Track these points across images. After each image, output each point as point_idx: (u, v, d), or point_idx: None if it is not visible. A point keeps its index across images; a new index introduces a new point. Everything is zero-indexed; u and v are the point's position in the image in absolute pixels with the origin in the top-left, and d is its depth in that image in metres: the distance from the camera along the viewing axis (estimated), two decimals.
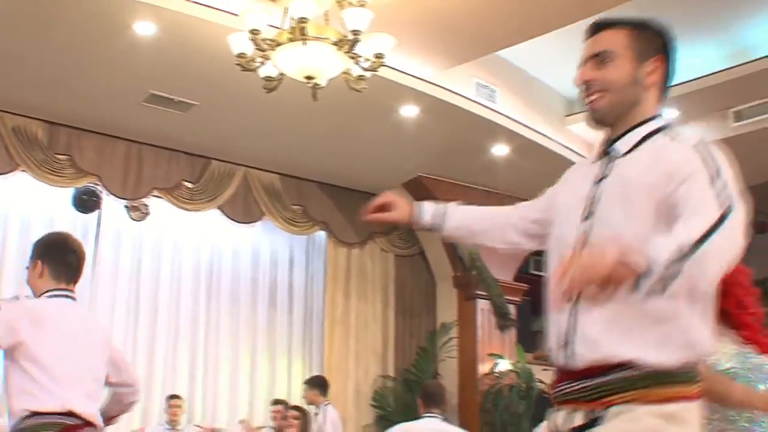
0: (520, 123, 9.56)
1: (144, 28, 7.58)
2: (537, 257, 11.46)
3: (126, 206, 9.82)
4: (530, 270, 11.38)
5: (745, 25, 8.78)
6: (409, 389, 10.07)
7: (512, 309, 10.75)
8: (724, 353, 3.40)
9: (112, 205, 9.80)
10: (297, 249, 11.30)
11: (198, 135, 9.69)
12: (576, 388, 2.26)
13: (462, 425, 9.79)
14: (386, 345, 10.97)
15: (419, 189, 10.48)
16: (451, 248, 10.55)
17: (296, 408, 9.06)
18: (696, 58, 9.03)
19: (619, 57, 2.40)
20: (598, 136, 7.86)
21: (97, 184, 9.54)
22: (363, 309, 10.84)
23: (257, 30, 6.56)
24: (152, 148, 9.79)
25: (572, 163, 8.51)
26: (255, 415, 10.33)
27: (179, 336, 10.32)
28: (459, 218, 2.86)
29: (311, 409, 9.35)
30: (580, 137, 10.30)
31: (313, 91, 6.95)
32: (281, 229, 10.64)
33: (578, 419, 2.21)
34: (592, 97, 2.34)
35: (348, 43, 6.70)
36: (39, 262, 4.22)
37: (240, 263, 10.92)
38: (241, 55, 6.71)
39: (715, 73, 9.05)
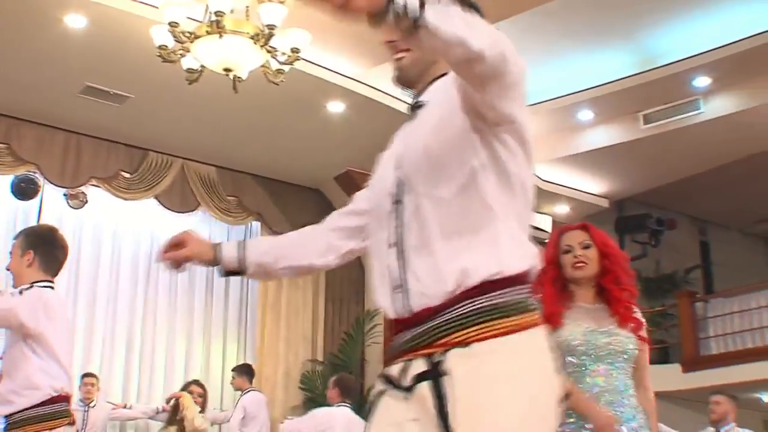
0: None
1: (75, 21, 7.55)
2: None
3: (65, 194, 9.79)
4: None
5: (652, 34, 8.89)
6: (336, 373, 9.81)
7: None
8: (578, 332, 3.61)
9: (51, 194, 9.70)
10: (234, 238, 10.97)
11: (135, 127, 9.63)
12: (414, 335, 2.07)
13: None
14: (315, 330, 10.95)
15: (350, 182, 10.44)
16: None
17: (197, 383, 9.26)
18: (607, 64, 9.19)
19: None
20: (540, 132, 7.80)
21: (35, 173, 9.46)
22: (294, 296, 10.81)
23: (176, 22, 6.55)
24: (91, 138, 9.73)
25: None
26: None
27: (117, 319, 10.23)
28: (263, 246, 2.68)
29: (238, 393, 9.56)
30: None
31: (234, 83, 6.95)
32: (217, 219, 10.61)
33: (418, 367, 2.01)
34: (397, 56, 2.27)
35: (264, 37, 6.67)
36: (31, 252, 4.26)
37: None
38: (162, 47, 6.71)
39: (626, 78, 9.18)
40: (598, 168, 10.72)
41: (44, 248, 4.35)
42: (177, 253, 2.52)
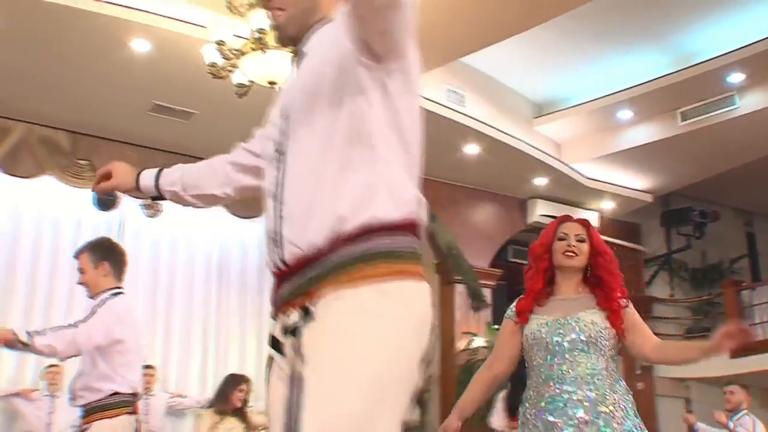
0: (488, 125, 9.72)
1: (140, 45, 7.91)
2: (515, 246, 11.83)
3: (141, 205, 10.12)
4: (509, 258, 11.67)
5: (685, 34, 9.00)
6: None
7: (487, 292, 10.85)
8: (536, 326, 3.65)
9: (129, 205, 10.02)
10: None
11: (202, 140, 9.65)
12: (290, 287, 2.01)
13: (442, 396, 10.32)
14: None
15: None
16: (431, 238, 10.59)
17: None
18: (643, 64, 9.31)
19: None
20: (565, 134, 8.28)
21: None
22: None
23: (222, 41, 6.84)
24: (162, 152, 10.06)
25: (539, 161, 8.89)
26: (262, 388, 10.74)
27: (192, 319, 10.60)
28: (175, 175, 2.69)
29: None
30: (547, 137, 10.55)
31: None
32: None
33: (292, 320, 1.95)
34: (275, 13, 2.23)
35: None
36: (105, 263, 4.67)
37: (246, 253, 11.20)
38: (212, 65, 6.98)
39: (662, 77, 9.30)
40: (640, 165, 10.77)
41: (114, 257, 4.73)
42: (104, 185, 2.71)
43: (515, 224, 11.51)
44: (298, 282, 1.96)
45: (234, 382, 8.54)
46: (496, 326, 10.56)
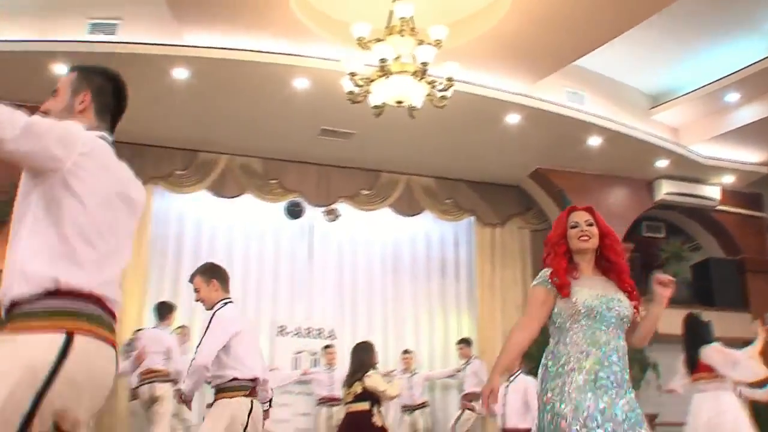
0: (608, 119, 10.16)
1: (301, 83, 9.01)
2: (648, 222, 12.20)
3: (322, 212, 11.39)
4: (642, 233, 12.04)
5: None
6: (542, 334, 10.87)
7: None
8: (593, 296, 3.72)
9: (312, 213, 11.39)
10: (453, 233, 12.34)
11: (365, 155, 10.95)
12: None
13: None
14: (525, 301, 11.63)
15: (541, 178, 11.41)
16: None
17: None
18: (743, 51, 9.41)
19: (59, 91, 2.65)
20: (680, 120, 8.87)
21: (299, 198, 11.20)
22: (506, 275, 11.61)
23: (354, 72, 7.62)
24: (335, 168, 11.25)
25: (658, 146, 9.37)
26: (434, 360, 11.54)
27: (373, 304, 11.67)
28: None
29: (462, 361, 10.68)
30: (664, 124, 10.78)
31: (410, 112, 7.82)
32: (439, 219, 11.76)
33: None
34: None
35: (421, 73, 7.55)
36: (214, 281, 5.29)
37: (415, 246, 12.16)
38: (350, 92, 7.75)
39: (763, 59, 9.31)
40: (753, 140, 10.78)
41: (220, 275, 5.34)
42: None
43: (643, 203, 11.74)
44: None
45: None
46: None
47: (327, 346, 10.69)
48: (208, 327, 5.20)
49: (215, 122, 10.07)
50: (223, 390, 5.14)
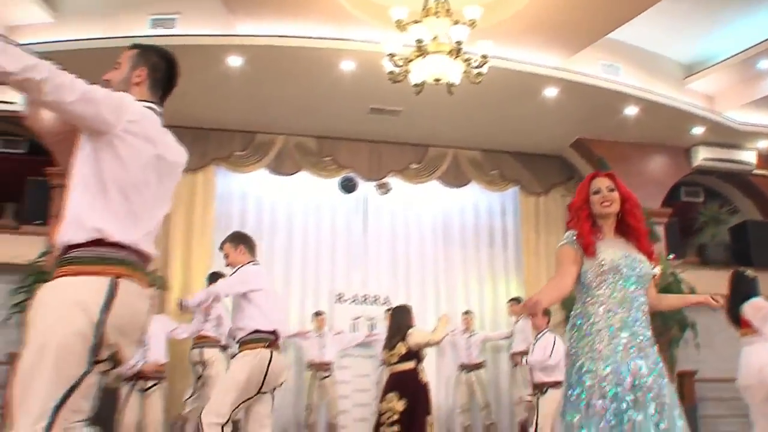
0: (643, 89, 10.26)
1: (348, 65, 9.31)
2: (687, 187, 12.25)
3: (375, 186, 11.79)
4: (681, 198, 12.12)
5: None
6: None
7: (660, 228, 11.14)
8: (618, 255, 3.86)
9: (365, 186, 11.80)
10: (499, 203, 12.61)
11: (412, 131, 11.24)
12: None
13: None
14: None
15: (581, 147, 11.59)
16: None
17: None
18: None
19: (121, 65, 3.04)
20: (714, 88, 9.05)
21: (352, 173, 11.61)
22: (550, 241, 11.71)
23: (393, 53, 7.95)
24: (385, 143, 11.57)
25: (694, 114, 9.53)
26: (484, 324, 11.80)
27: (425, 270, 12.05)
28: None
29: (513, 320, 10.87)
30: (699, 92, 10.83)
31: (449, 89, 8.10)
32: (485, 189, 12.02)
33: None
34: None
35: (456, 51, 7.82)
36: (242, 246, 5.79)
37: (464, 215, 12.49)
38: (390, 73, 8.07)
39: None
40: None
41: (247, 242, 5.82)
42: None
43: (681, 169, 11.80)
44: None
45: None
46: (670, 256, 11.04)
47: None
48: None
49: (270, 105, 10.51)
50: (245, 343, 5.46)
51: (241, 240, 5.89)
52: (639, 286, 3.85)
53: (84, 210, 2.69)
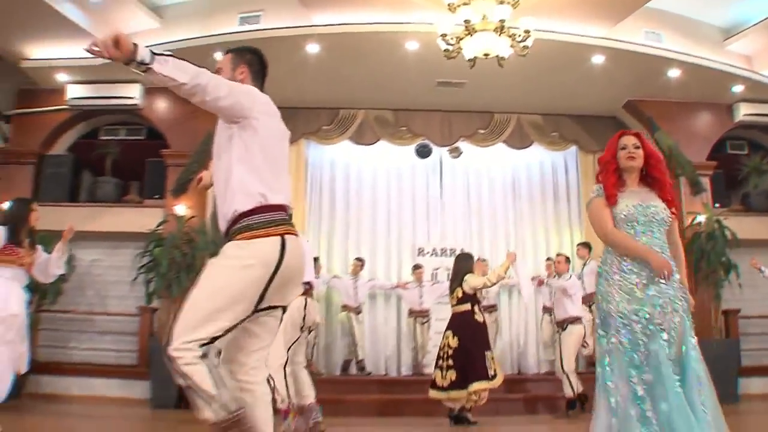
0: (685, 53, 10.55)
1: (412, 45, 10.04)
2: (732, 141, 12.47)
3: (447, 151, 12.53)
4: (727, 151, 12.37)
5: None
6: None
7: (706, 180, 11.51)
8: (630, 205, 4.04)
9: (438, 152, 12.62)
10: (558, 162, 13.20)
11: (478, 100, 11.80)
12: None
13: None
14: None
15: (632, 108, 11.97)
16: (657, 144, 11.31)
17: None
18: None
19: (222, 70, 3.33)
20: (752, 48, 9.69)
21: (426, 140, 12.36)
22: None
23: (444, 33, 8.60)
24: (453, 113, 12.19)
25: (733, 74, 10.03)
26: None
27: (497, 223, 12.84)
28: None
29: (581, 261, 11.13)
30: (737, 53, 11.03)
31: (499, 62, 8.72)
32: (546, 150, 12.59)
33: None
34: None
35: (500, 29, 8.48)
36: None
37: (531, 173, 13.16)
38: (445, 50, 8.73)
39: None
40: None
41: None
42: (103, 54, 2.71)
43: (724, 125, 11.95)
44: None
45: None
46: (717, 205, 11.48)
47: (358, 259, 12.02)
48: None
49: (348, 84, 11.40)
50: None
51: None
52: (653, 231, 4.02)
53: (247, 181, 3.04)
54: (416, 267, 11.98)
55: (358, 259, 11.98)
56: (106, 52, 2.59)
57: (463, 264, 8.46)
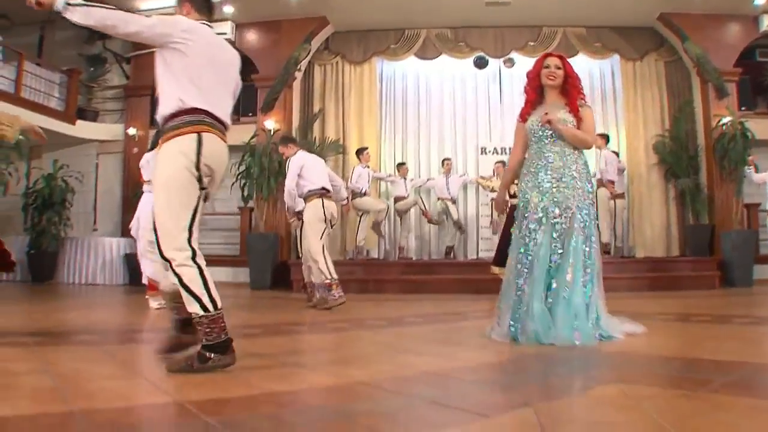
0: None
1: None
2: (762, 49, 12.48)
3: (502, 61, 13.29)
4: (757, 58, 12.41)
5: None
6: (676, 141, 12.00)
7: (732, 86, 11.74)
8: (534, 120, 4.51)
9: (494, 63, 13.39)
10: (601, 71, 13.65)
11: (529, 15, 12.46)
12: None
13: (706, 159, 11.86)
14: (663, 116, 12.59)
15: (665, 20, 12.24)
16: (686, 52, 11.89)
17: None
18: None
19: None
20: None
21: (483, 52, 13.13)
22: (646, 96, 12.66)
23: None
24: (507, 27, 12.84)
25: None
26: (590, 162, 12.97)
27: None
28: None
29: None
30: None
31: None
32: (591, 59, 12.98)
33: None
34: None
35: None
36: (290, 145, 7.82)
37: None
38: None
39: None
40: None
41: (294, 141, 7.61)
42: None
43: (750, 34, 11.99)
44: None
45: None
46: (743, 108, 11.85)
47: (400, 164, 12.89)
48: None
49: (410, 6, 12.35)
50: (308, 197, 7.41)
51: (287, 141, 7.81)
52: (555, 139, 4.42)
53: (168, 91, 3.42)
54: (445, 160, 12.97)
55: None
56: (35, 5, 3.19)
57: None
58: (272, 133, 12.24)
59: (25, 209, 12.51)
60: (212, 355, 3.17)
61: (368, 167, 11.93)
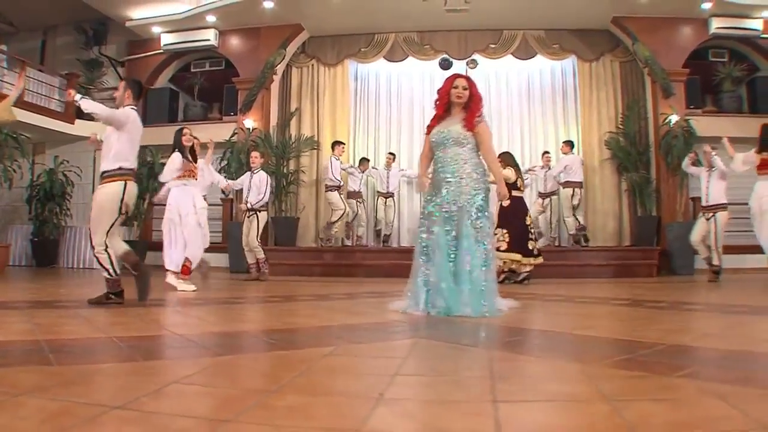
0: None
1: None
2: (714, 50, 12.23)
3: (466, 62, 12.90)
4: (709, 58, 12.19)
5: None
6: (627, 138, 11.86)
7: (680, 86, 11.58)
8: (434, 134, 4.74)
9: (457, 64, 12.80)
10: (557, 71, 13.41)
11: (485, 18, 12.26)
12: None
13: (656, 155, 11.60)
14: (617, 114, 12.47)
15: (618, 23, 12.07)
16: (635, 54, 11.68)
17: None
18: None
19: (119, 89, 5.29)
20: None
21: (446, 54, 12.86)
22: (601, 94, 12.56)
23: None
24: (470, 31, 12.71)
25: None
26: (555, 160, 12.90)
27: (512, 120, 13.43)
28: None
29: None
30: None
31: None
32: (549, 60, 12.85)
33: None
34: None
35: None
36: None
37: (534, 80, 13.53)
38: None
39: None
40: None
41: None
42: None
43: (700, 36, 11.78)
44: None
45: None
46: (691, 107, 11.66)
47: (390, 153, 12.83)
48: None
49: (378, 14, 12.34)
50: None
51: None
52: (449, 147, 4.66)
53: (118, 156, 5.07)
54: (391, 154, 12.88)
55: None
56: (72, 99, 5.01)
57: (505, 159, 8.77)
58: (251, 131, 12.39)
59: (29, 201, 12.83)
60: (112, 297, 5.04)
61: (339, 160, 12.02)
